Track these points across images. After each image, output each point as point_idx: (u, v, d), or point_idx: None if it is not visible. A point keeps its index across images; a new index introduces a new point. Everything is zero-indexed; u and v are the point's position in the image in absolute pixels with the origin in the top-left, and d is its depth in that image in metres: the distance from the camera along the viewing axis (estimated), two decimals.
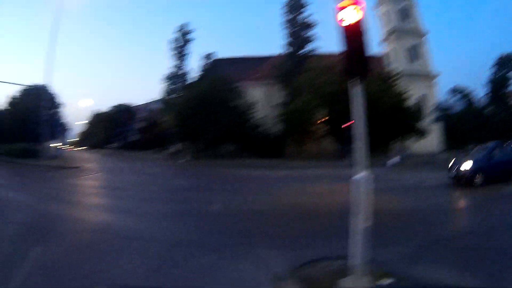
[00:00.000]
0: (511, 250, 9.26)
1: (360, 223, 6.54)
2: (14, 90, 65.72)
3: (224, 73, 52.79)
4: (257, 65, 60.72)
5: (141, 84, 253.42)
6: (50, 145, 54.03)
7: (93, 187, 24.86)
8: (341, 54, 6.77)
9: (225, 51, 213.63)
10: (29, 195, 19.26)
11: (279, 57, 56.84)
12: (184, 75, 63.86)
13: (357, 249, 6.57)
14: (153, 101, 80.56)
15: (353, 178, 6.67)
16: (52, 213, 14.83)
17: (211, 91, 48.02)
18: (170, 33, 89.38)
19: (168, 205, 16.82)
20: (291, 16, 55.36)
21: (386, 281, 6.82)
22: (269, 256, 8.89)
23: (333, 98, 38.57)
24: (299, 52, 54.12)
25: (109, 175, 32.36)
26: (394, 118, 39.25)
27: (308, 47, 54.57)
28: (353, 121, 6.83)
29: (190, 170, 38.15)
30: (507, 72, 60.12)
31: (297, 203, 16.96)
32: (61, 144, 51.70)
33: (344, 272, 6.92)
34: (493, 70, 61.36)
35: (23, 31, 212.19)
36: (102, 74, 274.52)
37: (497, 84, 60.23)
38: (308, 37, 54.68)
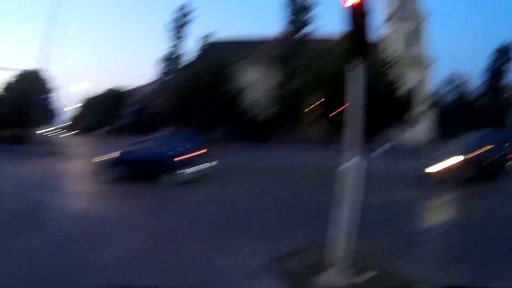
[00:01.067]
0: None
1: (346, 213, 6.33)
2: (10, 76, 65.73)
3: (221, 55, 52.32)
4: (256, 46, 60.38)
5: (139, 65, 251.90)
6: (40, 130, 53.70)
7: (79, 171, 24.65)
8: (344, 34, 6.65)
9: (224, 32, 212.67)
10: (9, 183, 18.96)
11: (277, 38, 56.54)
12: (180, 56, 63.58)
13: (340, 241, 6.38)
14: (149, 83, 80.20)
15: (342, 166, 6.50)
16: (33, 200, 14.76)
17: (205, 74, 47.77)
18: (168, 14, 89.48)
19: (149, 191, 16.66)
20: None
21: (368, 274, 6.52)
22: (249, 247, 8.73)
23: (330, 82, 38.04)
24: (298, 34, 53.75)
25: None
26: (386, 105, 38.98)
27: (308, 28, 54.23)
28: (346, 106, 6.65)
29: None
30: (504, 64, 60.00)
31: (278, 191, 16.93)
32: (52, 128, 51.66)
33: (324, 264, 6.74)
34: (491, 60, 61.15)
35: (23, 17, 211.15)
36: (99, 56, 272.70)
37: (493, 75, 60.15)
38: (308, 18, 54.29)
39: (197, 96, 46.96)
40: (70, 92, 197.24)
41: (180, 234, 10.14)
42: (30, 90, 47.19)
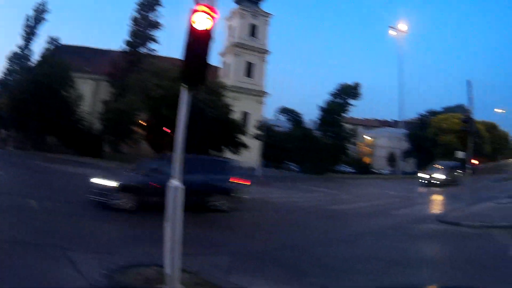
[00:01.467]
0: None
1: (172, 231, 6.43)
2: None
3: (63, 61, 50.64)
4: (99, 57, 59.15)
5: None
6: None
7: None
8: (182, 58, 6.62)
9: (76, 39, 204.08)
10: None
11: (117, 52, 55.70)
12: (27, 56, 59.92)
13: (170, 257, 6.43)
14: None
15: (168, 185, 6.53)
16: None
17: (45, 78, 46.18)
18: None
19: None
20: (139, 14, 54.58)
21: None
22: (84, 260, 8.37)
23: (159, 103, 38.62)
24: (137, 50, 53.73)
25: None
26: (216, 129, 40.36)
27: (148, 47, 54.45)
28: (173, 128, 6.71)
29: (10, 159, 36.66)
30: (342, 101, 63.69)
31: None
32: None
33: (158, 280, 6.77)
34: (330, 98, 64.62)
35: None
36: None
37: (331, 110, 63.56)
38: (149, 36, 54.55)
39: (35, 100, 45.36)
40: None
41: None
42: None
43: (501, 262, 10.87)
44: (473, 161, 49.52)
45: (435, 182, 40.87)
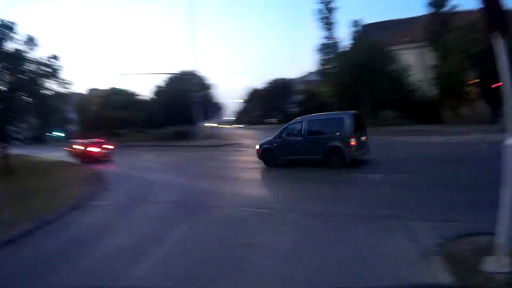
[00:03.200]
0: None
1: (507, 195, 5.71)
2: (159, 80, 71.02)
3: (374, 38, 51.62)
4: (406, 27, 58.53)
5: (293, 57, 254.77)
6: (204, 125, 56.89)
7: (244, 161, 25.57)
8: (481, 9, 6.03)
9: (371, 16, 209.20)
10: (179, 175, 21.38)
11: (423, 17, 54.16)
12: (335, 44, 63.70)
13: (503, 225, 5.78)
14: (308, 73, 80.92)
15: (505, 143, 5.84)
16: (198, 188, 16.55)
17: (366, 58, 47.27)
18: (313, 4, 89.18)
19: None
20: None
21: None
22: (418, 229, 8.40)
23: (482, 58, 35.99)
24: (440, 11, 51.29)
25: None
26: None
27: (449, 5, 51.26)
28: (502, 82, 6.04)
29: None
30: None
31: (450, 171, 15.70)
32: (215, 123, 54.50)
33: (487, 250, 6.18)
34: None
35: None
36: (252, 53, 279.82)
37: None
38: None
39: (361, 80, 47.19)
40: (230, 88, 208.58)
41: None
42: (186, 89, 52.61)
43: None
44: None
45: None
